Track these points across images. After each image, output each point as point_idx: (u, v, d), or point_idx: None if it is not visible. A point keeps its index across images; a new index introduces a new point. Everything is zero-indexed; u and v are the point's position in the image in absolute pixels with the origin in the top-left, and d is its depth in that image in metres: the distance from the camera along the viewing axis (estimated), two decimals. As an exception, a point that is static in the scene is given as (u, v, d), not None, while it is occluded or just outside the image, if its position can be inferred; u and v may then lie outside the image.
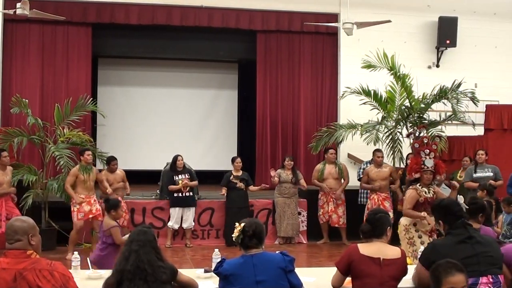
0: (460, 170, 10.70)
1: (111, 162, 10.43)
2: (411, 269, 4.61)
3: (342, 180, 11.20)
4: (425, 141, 8.04)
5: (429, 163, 7.69)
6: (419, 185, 7.61)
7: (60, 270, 3.71)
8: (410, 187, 7.71)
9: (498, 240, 6.57)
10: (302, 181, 11.19)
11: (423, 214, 7.45)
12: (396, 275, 4.42)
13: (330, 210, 11.05)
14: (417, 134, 10.07)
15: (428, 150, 7.87)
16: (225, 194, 10.91)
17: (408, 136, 10.21)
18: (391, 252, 4.50)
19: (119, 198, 9.89)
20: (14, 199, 9.78)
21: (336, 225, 11.08)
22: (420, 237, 7.49)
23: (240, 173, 11.09)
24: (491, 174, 10.05)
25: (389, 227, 4.64)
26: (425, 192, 7.58)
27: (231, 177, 10.98)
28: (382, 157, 10.72)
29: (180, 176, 10.73)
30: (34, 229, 3.82)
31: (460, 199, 5.32)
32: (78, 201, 9.50)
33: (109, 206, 6.76)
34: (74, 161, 10.14)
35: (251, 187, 11.21)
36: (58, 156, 10.09)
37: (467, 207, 5.48)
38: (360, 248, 4.47)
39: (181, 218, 10.71)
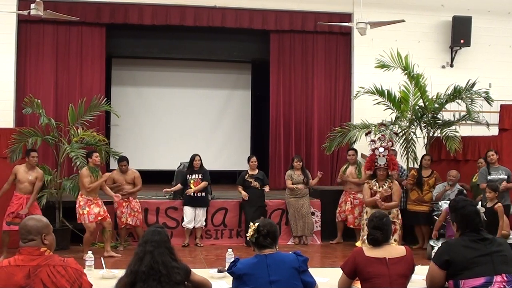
0: (476, 174, 10.29)
1: (119, 162, 10.49)
2: (425, 270, 4.58)
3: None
4: (380, 139, 9.19)
5: (382, 161, 8.65)
6: (375, 180, 8.52)
7: (73, 265, 3.76)
8: (365, 181, 8.71)
9: None
10: (311, 181, 11.18)
11: (377, 198, 8.57)
12: (404, 273, 4.40)
13: (346, 210, 11.04)
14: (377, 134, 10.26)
15: (382, 148, 9.04)
16: (242, 193, 10.85)
17: (366, 134, 10.33)
18: (396, 251, 4.51)
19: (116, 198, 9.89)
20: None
21: (351, 226, 11.03)
22: None
23: (255, 172, 11.07)
24: (505, 176, 9.84)
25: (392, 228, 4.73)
26: (377, 187, 8.49)
27: (246, 176, 10.98)
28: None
29: (193, 176, 10.73)
30: (48, 228, 3.83)
31: (481, 209, 5.27)
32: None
33: None
34: None
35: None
36: (74, 156, 10.09)
37: (485, 218, 5.45)
38: (366, 251, 4.47)
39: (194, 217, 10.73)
